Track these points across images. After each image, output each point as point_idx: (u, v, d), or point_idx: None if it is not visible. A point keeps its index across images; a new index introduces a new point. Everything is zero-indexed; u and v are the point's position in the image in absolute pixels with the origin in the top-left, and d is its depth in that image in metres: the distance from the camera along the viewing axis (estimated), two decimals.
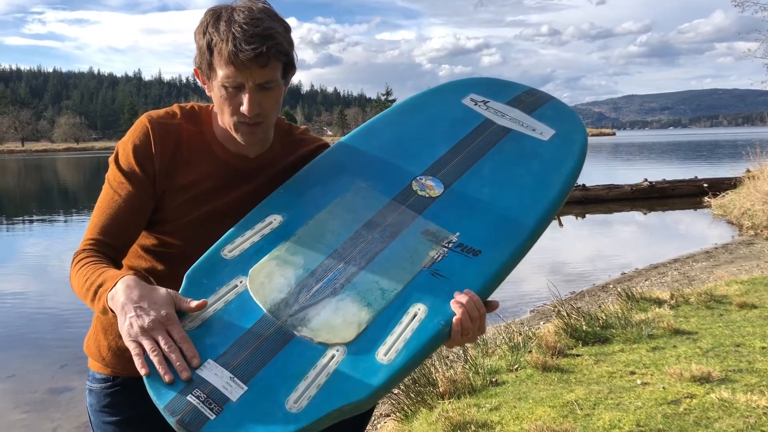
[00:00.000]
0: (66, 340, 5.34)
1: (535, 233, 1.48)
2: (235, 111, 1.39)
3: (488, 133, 1.69)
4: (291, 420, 1.14)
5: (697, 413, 2.46)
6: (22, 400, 4.19)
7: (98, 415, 1.53)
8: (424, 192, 1.53)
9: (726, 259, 7.39)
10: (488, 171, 1.59)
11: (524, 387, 2.93)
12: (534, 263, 8.16)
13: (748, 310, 3.93)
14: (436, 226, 1.45)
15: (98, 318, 1.55)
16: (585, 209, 13.35)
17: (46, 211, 16.85)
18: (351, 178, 1.57)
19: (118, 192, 1.44)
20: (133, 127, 1.48)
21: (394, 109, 1.80)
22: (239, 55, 1.31)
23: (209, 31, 1.36)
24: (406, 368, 1.22)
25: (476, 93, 1.81)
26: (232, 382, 1.19)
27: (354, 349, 1.23)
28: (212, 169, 1.48)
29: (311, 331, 1.26)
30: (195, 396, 1.16)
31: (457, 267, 1.36)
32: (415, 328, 1.26)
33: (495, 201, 1.52)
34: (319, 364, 1.21)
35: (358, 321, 1.27)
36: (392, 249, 1.41)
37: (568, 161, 1.65)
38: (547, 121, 1.73)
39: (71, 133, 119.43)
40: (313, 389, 1.18)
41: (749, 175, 12.29)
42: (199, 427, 1.13)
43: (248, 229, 1.44)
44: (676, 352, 3.20)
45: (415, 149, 1.65)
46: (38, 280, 7.85)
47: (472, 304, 1.28)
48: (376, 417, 3.26)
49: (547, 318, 5.11)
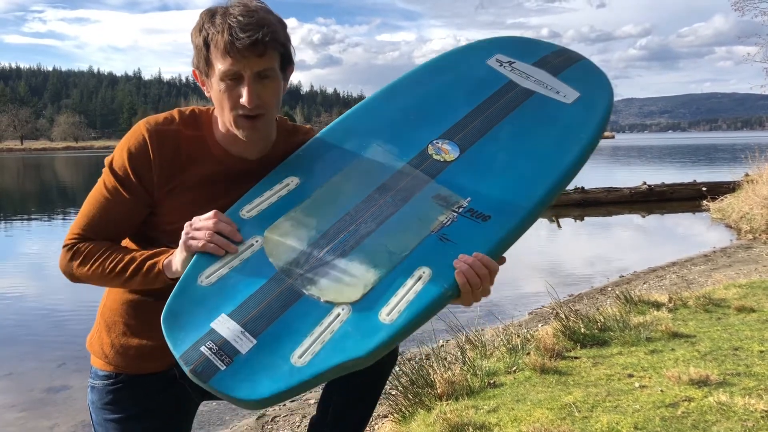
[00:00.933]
0: (64, 339, 5.33)
1: (545, 200, 1.48)
2: (235, 104, 1.39)
3: (510, 95, 1.67)
4: (295, 373, 1.20)
5: (695, 416, 2.46)
6: (19, 398, 4.19)
7: (100, 412, 1.53)
8: (440, 156, 1.54)
9: (724, 263, 7.40)
10: (506, 135, 1.58)
11: (522, 389, 2.93)
12: (533, 265, 8.16)
13: (747, 314, 3.93)
14: (447, 190, 1.47)
15: (102, 316, 1.55)
16: (584, 212, 13.37)
17: (44, 209, 16.83)
18: (368, 140, 1.59)
19: (111, 196, 1.45)
20: (130, 134, 1.46)
21: (419, 69, 1.79)
22: (236, 44, 1.32)
23: (205, 27, 1.37)
24: (406, 329, 1.26)
25: (503, 53, 1.79)
26: (243, 335, 1.25)
27: (358, 308, 1.28)
28: (212, 173, 1.48)
29: (319, 290, 1.31)
30: (208, 347, 1.23)
31: (465, 232, 1.39)
32: (418, 291, 1.29)
33: (509, 166, 1.52)
34: (324, 322, 1.27)
35: (364, 282, 1.32)
36: (403, 213, 1.43)
37: (588, 127, 1.60)
38: (573, 83, 1.70)
39: (70, 131, 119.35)
40: (318, 345, 1.23)
41: (748, 179, 12.31)
42: (211, 377, 1.20)
43: (267, 190, 1.49)
44: (675, 356, 3.20)
45: (435, 111, 1.65)
46: (36, 278, 7.86)
47: (479, 263, 1.30)
48: (374, 418, 3.25)
49: (546, 320, 5.11)
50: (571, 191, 13.94)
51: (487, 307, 5.77)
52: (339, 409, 1.67)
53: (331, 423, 1.68)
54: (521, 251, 8.98)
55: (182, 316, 1.29)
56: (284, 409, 3.73)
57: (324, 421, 1.70)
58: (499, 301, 6.26)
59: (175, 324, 1.28)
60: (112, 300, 1.53)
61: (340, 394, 1.66)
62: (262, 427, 3.51)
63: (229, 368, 1.21)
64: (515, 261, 8.41)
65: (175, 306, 1.31)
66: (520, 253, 8.82)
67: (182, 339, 1.25)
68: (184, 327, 1.27)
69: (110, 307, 1.53)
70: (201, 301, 1.31)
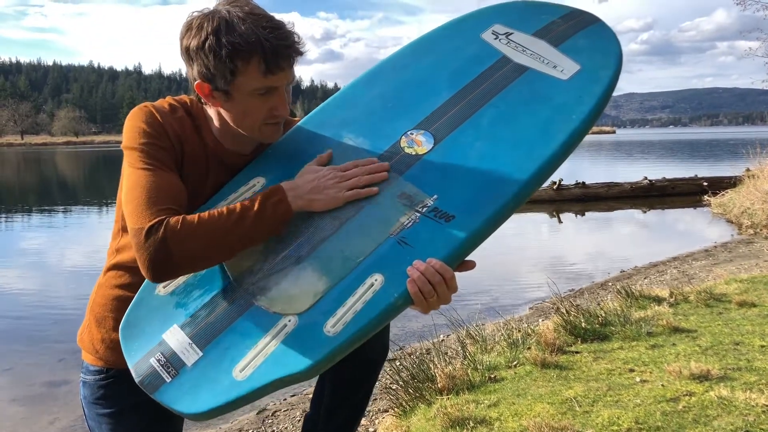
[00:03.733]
0: (64, 334, 5.33)
1: (519, 196, 1.31)
2: (267, 115, 1.38)
3: (500, 74, 1.49)
4: (234, 387, 1.17)
5: (696, 411, 2.46)
6: (19, 393, 4.19)
7: (92, 407, 1.52)
8: (412, 148, 1.41)
9: (725, 258, 7.39)
10: (487, 121, 1.42)
11: (523, 383, 2.92)
12: (533, 260, 8.16)
13: (748, 309, 3.92)
14: (414, 188, 1.34)
15: (91, 311, 1.55)
16: (584, 207, 13.35)
17: (45, 204, 16.83)
18: (340, 133, 1.48)
19: (148, 164, 1.32)
20: (135, 112, 1.41)
21: (405, 49, 1.63)
22: (280, 63, 1.31)
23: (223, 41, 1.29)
24: (350, 342, 1.18)
25: (502, 22, 1.59)
26: (190, 348, 1.23)
27: (305, 319, 1.22)
28: (207, 165, 1.46)
29: (268, 301, 1.26)
30: (156, 359, 1.22)
31: (424, 235, 1.27)
32: (367, 300, 1.21)
33: (485, 158, 1.36)
34: (270, 334, 1.21)
35: (314, 291, 1.24)
36: (365, 214, 1.33)
37: (582, 105, 1.40)
38: (574, 54, 1.49)
39: (71, 126, 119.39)
40: (260, 358, 1.19)
41: (749, 174, 12.29)
42: (155, 389, 1.20)
43: (232, 193, 1.42)
44: (675, 350, 3.19)
45: (414, 98, 1.50)
46: (36, 273, 7.84)
47: (431, 270, 1.21)
48: (374, 412, 3.26)
49: (546, 315, 5.11)
50: (571, 186, 13.93)
51: (487, 302, 5.76)
52: (330, 406, 1.66)
53: (323, 419, 1.68)
54: (522, 246, 8.99)
55: (137, 325, 1.28)
56: (285, 404, 3.73)
57: (317, 417, 1.69)
58: (499, 295, 6.26)
59: (131, 334, 1.27)
60: (101, 295, 1.52)
61: (330, 390, 1.65)
62: (263, 422, 3.51)
63: (174, 381, 1.19)
64: (516, 256, 8.40)
65: (132, 316, 1.30)
66: (520, 247, 8.83)
67: (135, 349, 1.24)
68: (138, 337, 1.26)
69: (99, 302, 1.52)
70: (156, 310, 1.29)
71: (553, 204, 13.35)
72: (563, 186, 13.81)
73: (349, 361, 1.35)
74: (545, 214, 12.48)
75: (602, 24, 1.55)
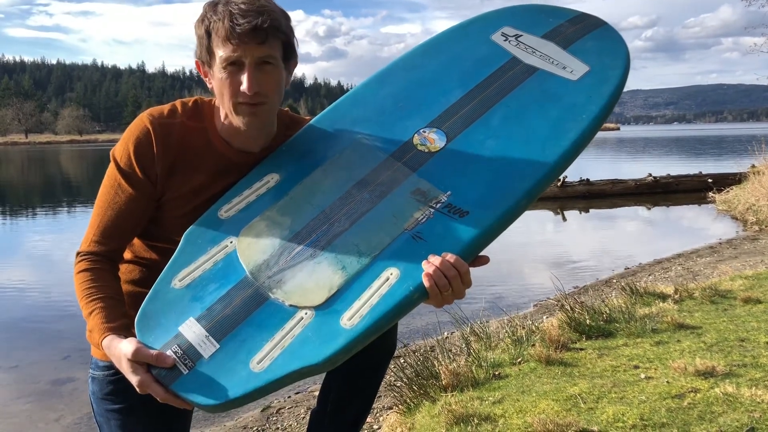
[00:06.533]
0: (69, 331, 5.34)
1: (533, 192, 1.35)
2: (235, 91, 1.37)
3: (510, 74, 1.52)
4: (252, 379, 1.19)
5: (701, 407, 2.45)
6: (25, 390, 4.20)
7: (101, 403, 1.53)
8: (425, 146, 1.43)
9: (730, 255, 7.37)
10: (499, 120, 1.45)
11: (527, 380, 2.92)
12: (537, 257, 8.15)
13: (753, 305, 3.91)
14: (428, 184, 1.37)
15: None
16: (589, 204, 13.33)
17: (49, 202, 16.88)
18: (353, 132, 1.50)
19: (118, 193, 1.44)
20: (132, 127, 1.45)
21: (416, 50, 1.66)
22: (236, 29, 1.31)
23: (207, 16, 1.37)
24: (366, 334, 1.21)
25: (511, 24, 1.63)
26: (207, 340, 1.24)
27: (321, 312, 1.24)
28: (215, 166, 1.47)
29: (284, 294, 1.28)
30: (173, 351, 1.23)
31: (439, 230, 1.30)
32: (383, 294, 1.23)
33: (497, 155, 1.39)
34: (286, 327, 1.24)
35: (329, 285, 1.27)
36: (379, 210, 1.35)
37: (592, 105, 1.43)
38: (584, 56, 1.53)
39: (75, 125, 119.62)
40: (277, 350, 1.21)
41: (754, 171, 12.26)
42: (173, 381, 1.21)
43: (246, 189, 1.44)
44: (680, 347, 3.19)
45: (426, 97, 1.53)
46: (41, 271, 7.87)
47: (447, 264, 1.22)
48: (379, 410, 3.26)
49: (551, 312, 5.10)
50: (576, 183, 13.91)
51: (492, 300, 5.76)
52: (337, 401, 1.67)
53: (330, 414, 1.68)
54: (526, 243, 8.98)
55: (153, 318, 1.29)
56: (289, 401, 3.74)
57: (324, 412, 1.70)
58: (504, 293, 6.26)
59: (146, 326, 1.28)
60: None
61: (337, 385, 1.66)
62: (267, 419, 3.52)
63: (191, 373, 1.21)
64: (520, 253, 8.40)
65: (148, 308, 1.31)
66: (524, 245, 8.83)
67: (151, 341, 1.26)
68: (154, 330, 1.28)
69: None
70: (172, 304, 1.30)
71: (557, 201, 13.33)
72: (567, 183, 13.78)
73: (360, 355, 1.36)
74: (549, 211, 12.46)
75: (609, 27, 1.60)
